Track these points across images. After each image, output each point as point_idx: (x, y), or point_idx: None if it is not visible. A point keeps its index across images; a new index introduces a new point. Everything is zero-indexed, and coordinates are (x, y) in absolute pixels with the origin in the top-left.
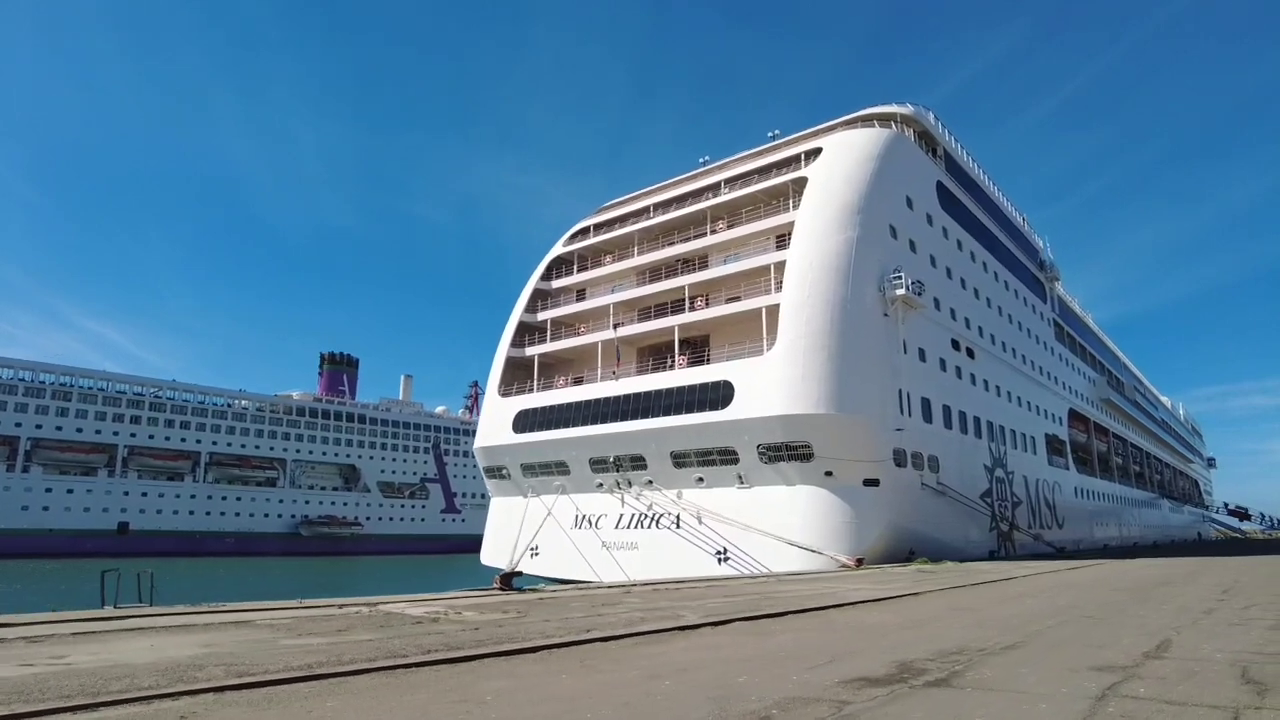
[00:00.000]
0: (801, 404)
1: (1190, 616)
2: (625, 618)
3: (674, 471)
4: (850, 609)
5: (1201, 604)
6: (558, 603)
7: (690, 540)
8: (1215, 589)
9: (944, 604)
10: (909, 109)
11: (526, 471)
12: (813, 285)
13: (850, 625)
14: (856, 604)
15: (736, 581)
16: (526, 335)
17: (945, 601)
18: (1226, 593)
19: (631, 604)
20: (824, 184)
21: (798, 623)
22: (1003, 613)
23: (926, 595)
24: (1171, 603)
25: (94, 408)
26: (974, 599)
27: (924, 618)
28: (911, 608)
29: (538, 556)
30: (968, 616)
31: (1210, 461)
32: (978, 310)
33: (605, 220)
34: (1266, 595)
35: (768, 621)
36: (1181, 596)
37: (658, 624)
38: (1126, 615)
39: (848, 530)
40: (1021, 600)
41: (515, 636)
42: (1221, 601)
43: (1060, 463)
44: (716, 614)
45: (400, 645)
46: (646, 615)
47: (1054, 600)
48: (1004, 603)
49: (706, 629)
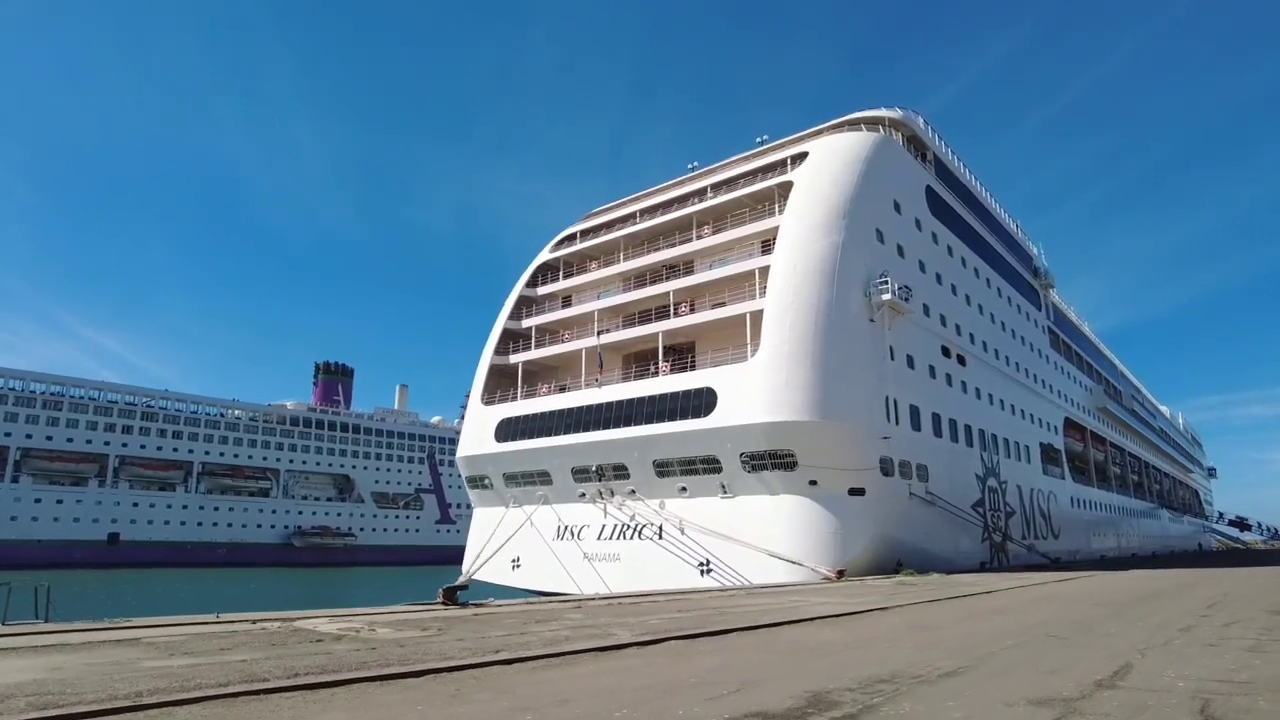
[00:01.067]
0: (785, 411)
1: (1165, 635)
2: (549, 637)
3: (657, 481)
4: (803, 626)
5: (1182, 620)
6: (487, 619)
7: (673, 552)
8: (1201, 603)
9: (905, 620)
10: (898, 113)
11: (509, 481)
12: (797, 290)
13: (790, 645)
14: (812, 620)
15: (701, 595)
16: (511, 342)
17: (907, 618)
18: (1212, 607)
19: (570, 620)
20: (809, 188)
21: (735, 642)
22: (962, 631)
23: (893, 610)
24: (1150, 619)
25: (85, 417)
26: (940, 615)
27: (875, 636)
28: (868, 625)
29: (520, 569)
30: (923, 636)
31: (1210, 471)
32: (969, 317)
33: (592, 226)
34: (1252, 610)
35: (705, 640)
36: (1163, 611)
37: (581, 644)
38: (1095, 634)
39: (832, 541)
40: (989, 617)
41: (409, 658)
42: (1204, 617)
43: (1056, 472)
44: (654, 632)
45: (270, 667)
46: (575, 634)
47: (1024, 617)
48: (969, 620)
49: (631, 649)
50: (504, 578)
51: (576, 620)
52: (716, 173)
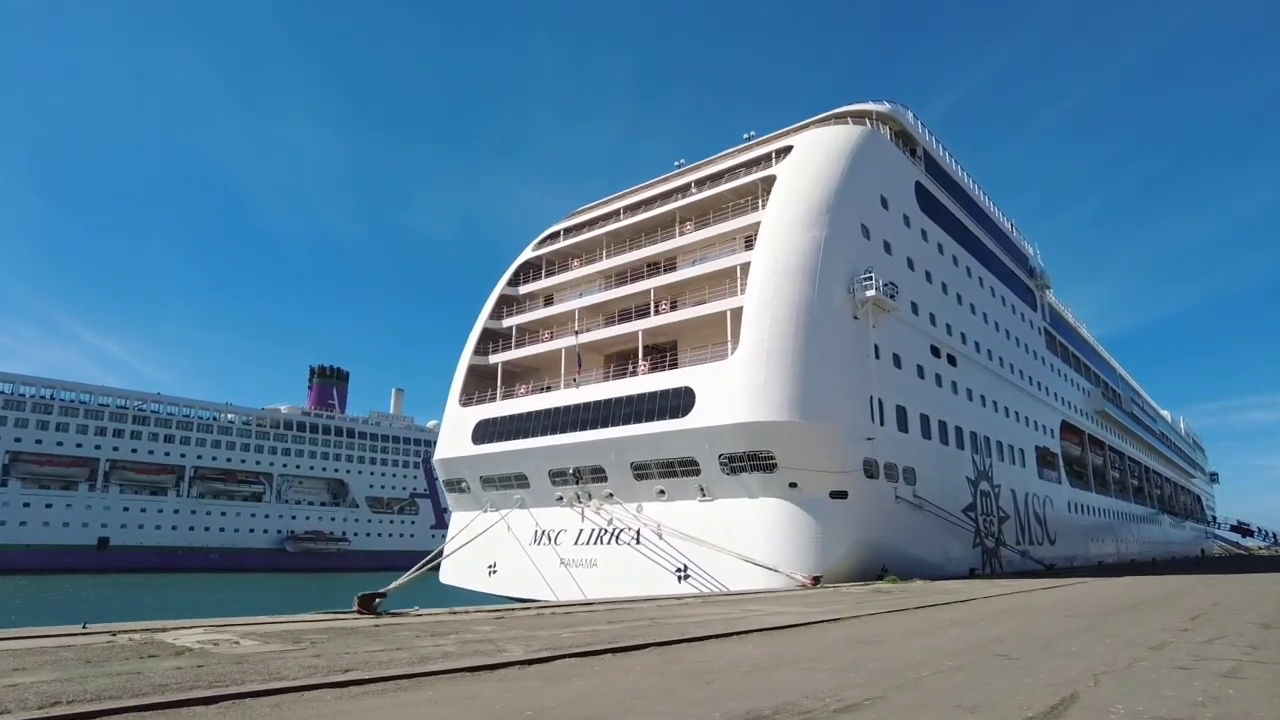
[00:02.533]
0: (764, 411)
1: (1132, 654)
2: (427, 653)
3: (635, 484)
4: (728, 641)
5: (1158, 635)
6: (382, 632)
7: (650, 557)
8: (1186, 615)
9: (847, 635)
10: (885, 107)
11: (486, 484)
12: (777, 287)
13: (694, 666)
14: (743, 634)
15: (647, 604)
16: (491, 342)
17: (853, 632)
18: (1196, 619)
19: (475, 633)
20: (792, 182)
21: (634, 661)
22: (903, 649)
23: (845, 622)
24: (1123, 634)
25: (75, 420)
26: (892, 628)
27: (800, 655)
28: (802, 640)
29: (496, 574)
30: (853, 654)
31: (1213, 477)
32: (960, 316)
33: (576, 224)
34: (1240, 624)
35: (602, 659)
36: (1141, 625)
37: (457, 662)
38: (1053, 653)
39: (813, 545)
40: (945, 631)
41: (226, 679)
42: (1184, 632)
43: (1052, 476)
44: (554, 648)
45: (43, 693)
46: (461, 650)
47: (984, 631)
48: (921, 634)
49: (506, 669)
50: (480, 584)
51: (482, 633)
52: (702, 169)
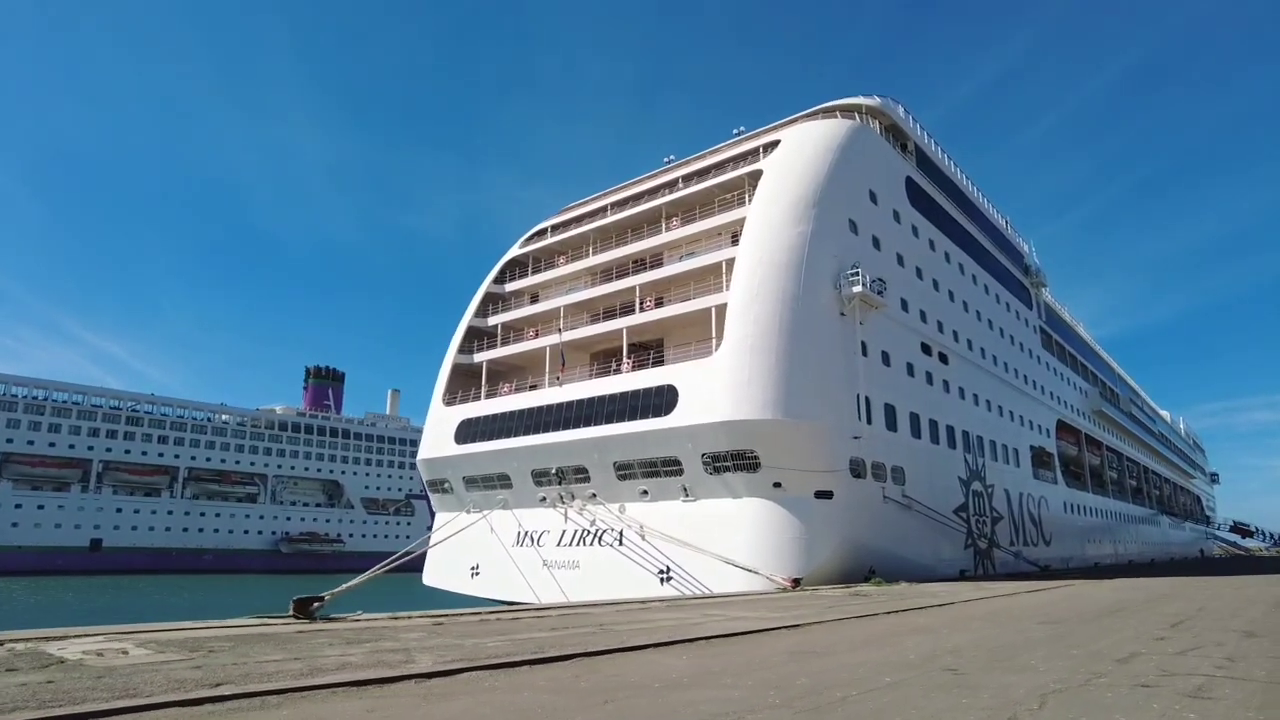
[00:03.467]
0: (747, 409)
1: (1094, 669)
2: (328, 664)
3: (618, 484)
4: (665, 650)
5: (1130, 645)
6: (296, 639)
7: (633, 559)
8: (1168, 620)
9: (794, 645)
10: (876, 101)
11: (469, 485)
12: (762, 282)
13: (605, 682)
14: (688, 643)
15: (602, 610)
16: (475, 341)
17: (803, 640)
18: (1177, 626)
19: (399, 641)
20: (778, 177)
21: (543, 676)
22: (848, 661)
23: (804, 628)
24: (1092, 643)
25: (68, 421)
26: (848, 635)
27: (734, 666)
28: (748, 649)
29: (478, 576)
30: (793, 666)
31: (1213, 477)
32: (952, 314)
33: (564, 221)
34: (1221, 631)
35: (515, 671)
36: (1117, 632)
37: (350, 674)
38: (1007, 668)
39: (796, 547)
40: (904, 639)
41: (68, 697)
42: (1159, 641)
43: (1048, 476)
44: (471, 659)
45: None
46: (368, 660)
47: (944, 640)
48: (873, 644)
49: (404, 683)
50: (462, 586)
51: (403, 641)
52: (690, 164)
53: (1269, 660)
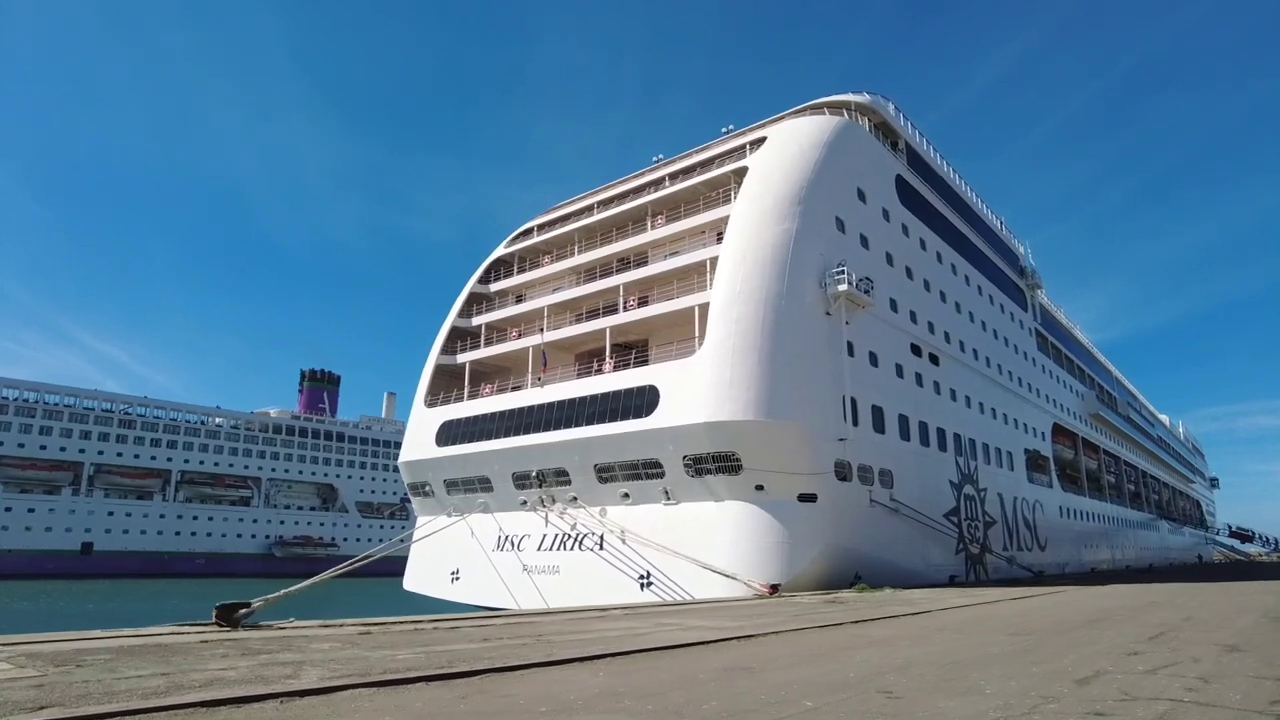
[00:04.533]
0: (728, 409)
1: (1046, 692)
2: (186, 682)
3: (599, 486)
4: (582, 666)
5: (1098, 661)
6: (190, 649)
7: (613, 563)
8: (1148, 631)
9: (736, 658)
10: (865, 98)
11: (450, 488)
12: (745, 281)
13: (489, 705)
14: (616, 656)
15: (550, 619)
16: (459, 341)
17: (746, 654)
18: (1155, 639)
19: (305, 653)
20: (763, 174)
21: (425, 695)
22: (779, 680)
23: (757, 639)
24: (1056, 659)
25: (59, 424)
26: (796, 649)
27: (648, 686)
28: (678, 665)
29: (459, 581)
30: (714, 687)
31: (1213, 482)
32: (944, 314)
33: (550, 220)
34: (1203, 645)
35: (402, 690)
36: (1088, 646)
37: (209, 693)
38: (950, 690)
39: (779, 551)
40: (855, 653)
41: None
42: (1132, 656)
43: (1043, 480)
44: (362, 674)
45: None
46: (247, 675)
47: (897, 655)
48: (823, 657)
49: (261, 704)
50: (442, 591)
51: (307, 654)
52: (678, 163)
53: (1247, 681)
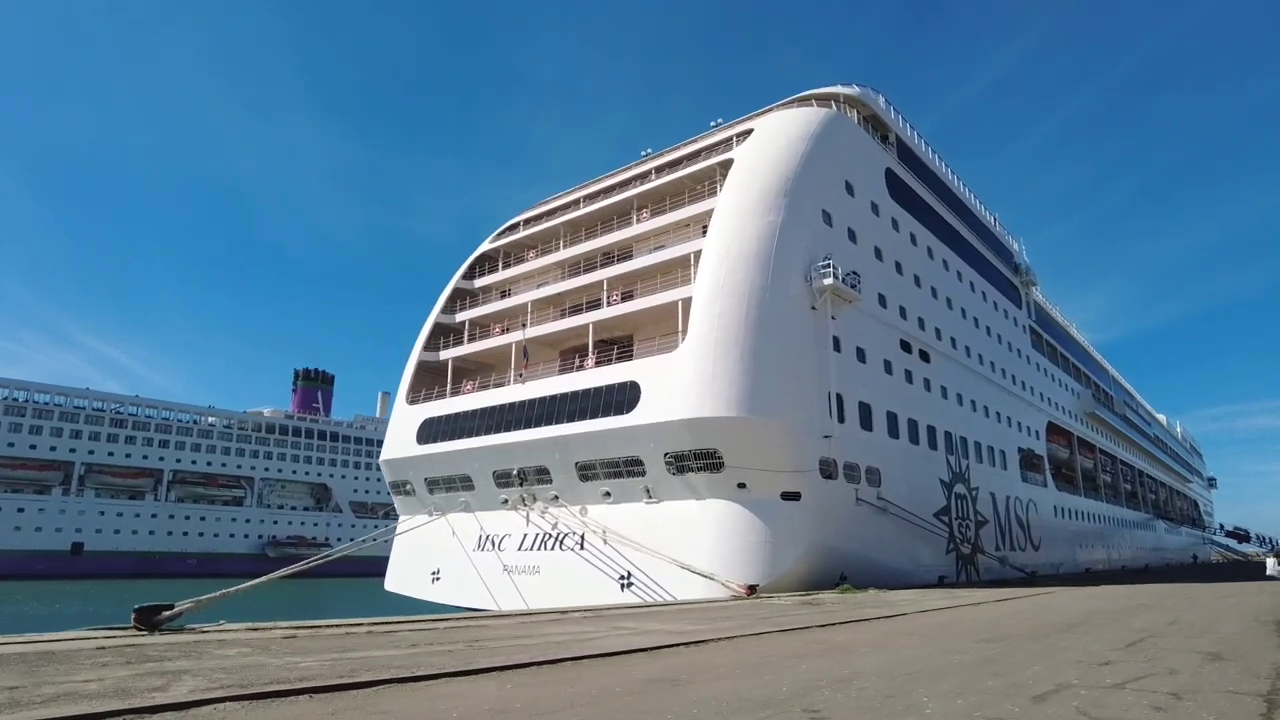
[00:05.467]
0: (710, 406)
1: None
2: (23, 699)
3: (580, 485)
4: (498, 677)
5: (1064, 672)
6: (76, 657)
7: (594, 563)
8: (1128, 637)
9: (671, 667)
10: (855, 90)
11: (431, 487)
12: (728, 274)
13: None
14: (547, 664)
15: (497, 623)
16: (442, 337)
17: (684, 663)
18: (1134, 646)
19: (206, 659)
20: (749, 166)
21: (290, 712)
22: (696, 697)
23: (705, 645)
24: (1020, 670)
25: (49, 424)
26: (741, 658)
27: (552, 702)
28: (606, 674)
29: (439, 581)
30: (622, 703)
31: (1211, 481)
32: (935, 311)
33: (537, 215)
34: (1183, 653)
35: (270, 704)
36: (1059, 654)
37: (53, 710)
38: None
39: (761, 551)
40: (801, 663)
41: None
42: (1104, 667)
43: (1037, 479)
44: (245, 686)
45: None
46: (110, 689)
47: (846, 665)
48: (764, 667)
49: None
50: (423, 591)
51: (213, 660)
52: (665, 156)
53: (1225, 698)
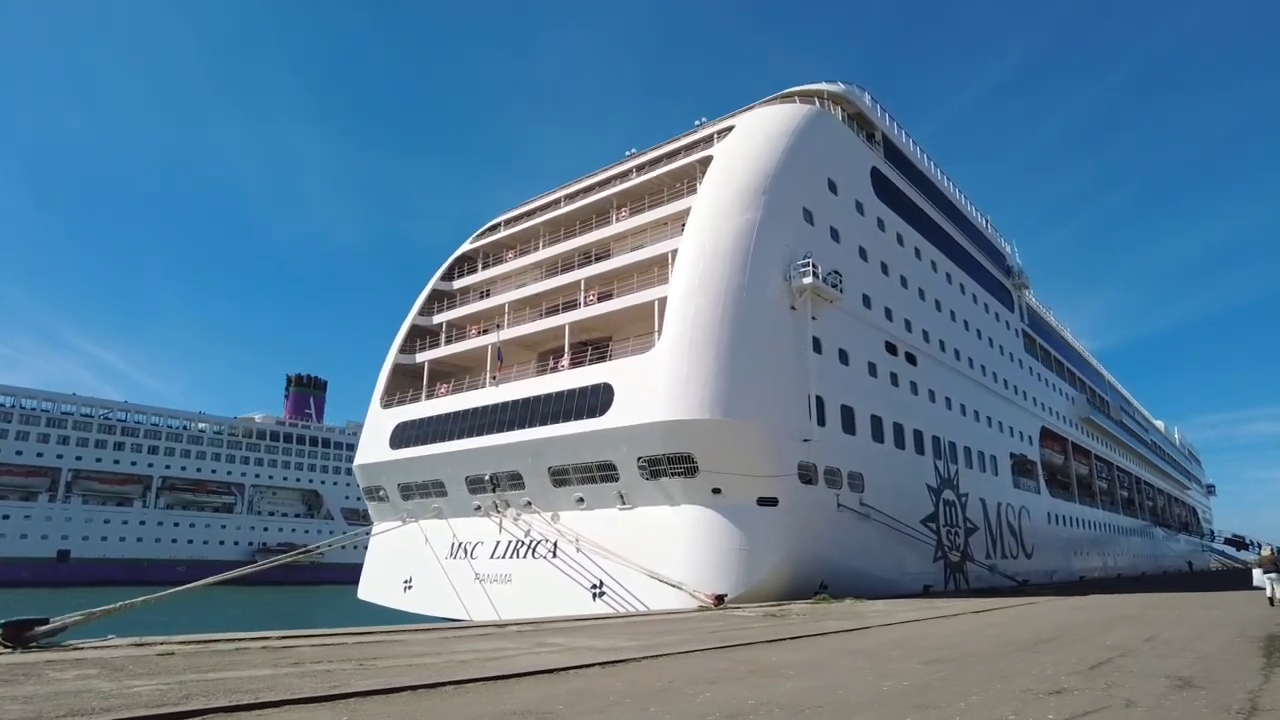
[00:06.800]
0: (684, 408)
1: None
2: None
3: (553, 491)
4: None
5: (1012, 702)
6: None
7: (566, 572)
8: (1094, 657)
9: (530, 702)
10: (840, 87)
11: (404, 493)
12: (704, 272)
13: None
14: (393, 693)
15: (411, 637)
16: (419, 340)
17: (568, 690)
18: (1097, 668)
19: (34, 684)
20: (728, 163)
21: None
22: None
23: (621, 667)
24: (958, 700)
25: (36, 429)
26: (641, 681)
27: None
28: (452, 709)
29: (411, 590)
30: None
31: (1209, 488)
32: (922, 312)
33: (518, 215)
34: (1149, 678)
35: None
36: (1012, 679)
37: None
38: None
39: (735, 558)
40: (700, 691)
41: None
42: (1055, 696)
43: (1030, 485)
44: (40, 716)
45: None
46: None
47: (755, 693)
48: (657, 697)
49: None
50: (395, 600)
51: (43, 684)
52: (647, 155)
53: None
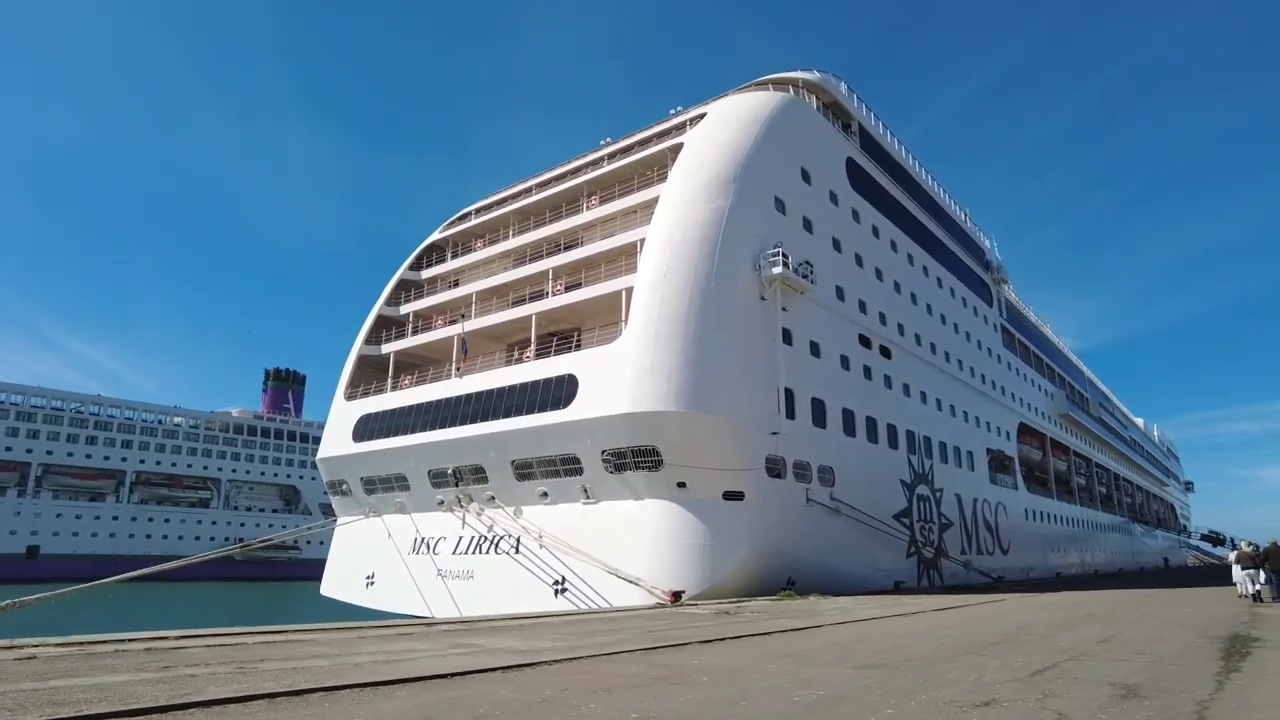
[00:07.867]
0: (648, 400)
1: None
2: None
3: (517, 485)
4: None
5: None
6: None
7: (529, 568)
8: (1041, 660)
9: (405, 711)
10: (814, 75)
11: (367, 486)
12: (671, 261)
13: None
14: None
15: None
16: (385, 331)
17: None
18: (1041, 674)
19: None
20: (698, 150)
21: None
22: None
23: (525, 670)
24: (875, 712)
25: (4, 423)
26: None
27: None
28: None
29: (373, 586)
30: None
31: (1188, 485)
32: (898, 306)
33: (489, 204)
34: (1091, 687)
35: None
36: (944, 686)
37: None
38: None
39: (699, 554)
40: (591, 700)
41: None
42: (983, 708)
43: (1007, 481)
44: None
45: None
46: None
47: (653, 705)
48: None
49: None
50: (358, 596)
51: None
52: (620, 143)
53: None
